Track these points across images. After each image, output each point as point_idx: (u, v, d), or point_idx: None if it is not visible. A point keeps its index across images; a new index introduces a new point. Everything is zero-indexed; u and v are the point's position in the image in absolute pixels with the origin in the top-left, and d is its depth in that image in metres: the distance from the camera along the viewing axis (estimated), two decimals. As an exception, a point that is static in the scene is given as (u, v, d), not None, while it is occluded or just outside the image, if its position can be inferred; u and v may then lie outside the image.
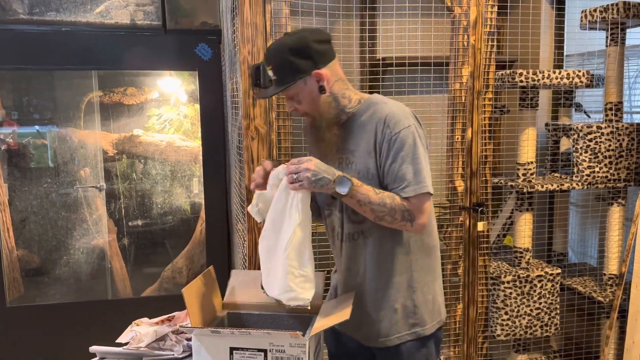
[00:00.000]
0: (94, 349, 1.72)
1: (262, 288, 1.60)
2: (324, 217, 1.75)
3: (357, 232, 1.65)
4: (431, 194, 1.55)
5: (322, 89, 1.58)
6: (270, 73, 1.57)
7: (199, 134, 3.31)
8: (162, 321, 1.87)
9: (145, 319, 1.88)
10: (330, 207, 1.70)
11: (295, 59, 1.53)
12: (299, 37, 1.56)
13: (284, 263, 1.50)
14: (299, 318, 1.71)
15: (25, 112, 3.52)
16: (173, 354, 1.70)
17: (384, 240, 1.62)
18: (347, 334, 1.75)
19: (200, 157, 3.31)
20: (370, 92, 2.68)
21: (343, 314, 1.51)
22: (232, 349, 1.49)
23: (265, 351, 1.47)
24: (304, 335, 1.44)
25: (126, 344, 1.74)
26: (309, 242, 1.53)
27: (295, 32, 1.60)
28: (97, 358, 1.72)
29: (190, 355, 1.64)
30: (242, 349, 1.48)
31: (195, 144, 3.61)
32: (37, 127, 3.53)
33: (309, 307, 1.54)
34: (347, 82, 1.65)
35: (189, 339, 1.76)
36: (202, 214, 3.44)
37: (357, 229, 1.65)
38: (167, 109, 3.69)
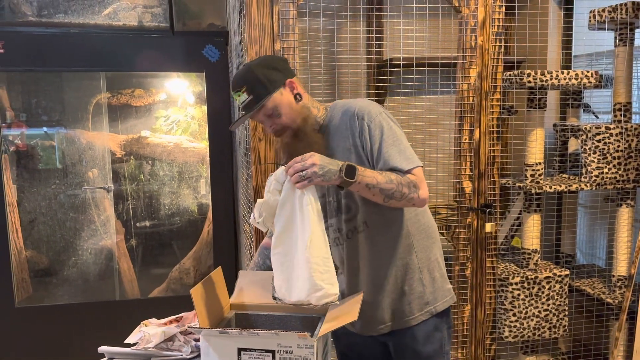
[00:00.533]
0: (102, 349, 1.73)
1: (275, 298, 1.59)
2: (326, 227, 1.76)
3: (350, 230, 1.69)
4: (422, 167, 1.61)
5: (298, 97, 1.64)
6: (244, 95, 1.61)
7: (206, 135, 3.31)
8: (171, 322, 1.87)
9: (154, 320, 1.89)
10: (327, 219, 1.72)
11: (267, 72, 1.60)
12: (261, 58, 1.69)
13: (307, 262, 1.49)
14: (306, 319, 1.70)
15: (33, 113, 3.54)
16: (181, 355, 1.70)
17: (382, 228, 1.66)
18: (364, 334, 1.76)
19: (208, 158, 3.32)
20: (378, 94, 2.70)
21: (351, 315, 1.51)
22: (240, 350, 1.49)
23: (273, 352, 1.47)
24: (312, 336, 1.44)
25: (134, 344, 1.74)
26: (326, 237, 1.53)
27: (257, 58, 1.70)
28: (106, 358, 1.73)
29: (199, 355, 1.65)
30: (250, 349, 1.48)
31: (202, 145, 3.62)
32: (45, 128, 3.55)
33: (338, 302, 1.54)
34: (309, 95, 1.72)
35: (197, 340, 1.76)
36: (210, 214, 3.45)
37: (350, 227, 1.69)
38: (174, 111, 3.70)
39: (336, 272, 1.83)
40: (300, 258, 1.51)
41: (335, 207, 1.69)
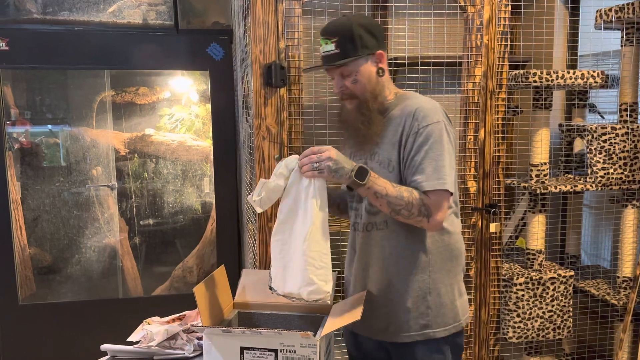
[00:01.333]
0: (105, 347, 1.73)
1: (271, 288, 1.58)
2: (349, 208, 1.74)
3: (371, 224, 1.64)
4: (451, 193, 1.52)
5: (380, 72, 1.59)
6: (332, 46, 1.55)
7: (210, 134, 3.31)
8: (173, 320, 1.87)
9: (157, 318, 1.89)
10: (352, 200, 1.70)
11: (364, 34, 1.55)
12: (367, 17, 1.60)
13: (303, 255, 1.48)
14: (309, 318, 1.70)
15: (38, 111, 3.54)
16: (184, 353, 1.70)
17: (401, 235, 1.60)
18: (363, 335, 1.74)
19: (211, 157, 3.31)
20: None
21: (354, 315, 1.51)
22: (242, 349, 1.49)
23: (276, 351, 1.46)
24: (314, 335, 1.44)
25: (137, 342, 1.74)
26: (327, 233, 1.51)
27: (359, 14, 1.60)
28: (109, 356, 1.73)
29: (201, 354, 1.64)
30: (253, 348, 1.48)
31: (206, 144, 3.61)
32: (49, 126, 3.55)
33: (329, 302, 1.53)
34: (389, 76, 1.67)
35: (200, 338, 1.76)
36: (213, 213, 3.45)
37: (371, 220, 1.64)
38: (178, 109, 3.70)
39: (342, 270, 1.83)
40: (297, 250, 1.50)
41: None
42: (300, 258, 1.49)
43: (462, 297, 1.69)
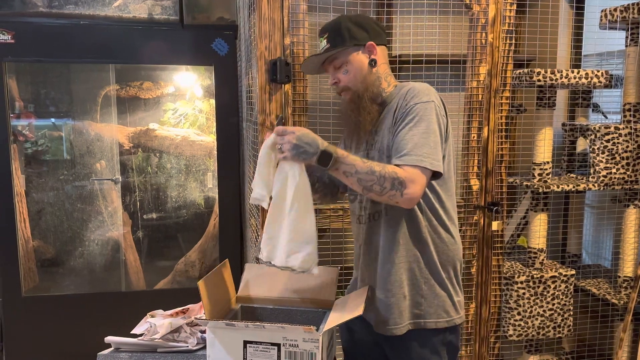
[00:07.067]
0: (109, 339, 1.74)
1: (258, 259, 1.58)
2: (350, 201, 1.75)
3: (377, 212, 1.64)
4: (430, 170, 1.47)
5: (372, 63, 1.61)
6: (324, 43, 1.62)
7: (214, 129, 3.32)
8: (177, 313, 1.88)
9: (160, 311, 1.90)
10: (354, 192, 1.70)
11: (352, 27, 1.59)
12: (360, 14, 1.65)
13: (287, 227, 1.49)
14: (312, 313, 1.71)
15: (42, 104, 3.55)
16: (187, 346, 1.71)
17: (400, 222, 1.59)
18: (363, 327, 1.74)
19: (215, 152, 3.32)
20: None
21: (356, 310, 1.52)
22: (245, 342, 1.50)
23: (278, 345, 1.47)
24: (317, 330, 1.45)
25: (141, 335, 1.76)
26: (310, 205, 1.50)
27: (353, 13, 1.66)
28: (112, 348, 1.74)
29: (204, 347, 1.65)
30: (256, 342, 1.49)
31: (210, 139, 3.62)
32: (53, 119, 3.56)
33: (315, 272, 1.51)
34: (390, 69, 1.69)
35: (203, 332, 1.77)
36: (216, 208, 3.46)
37: (377, 209, 1.64)
38: (182, 104, 3.71)
39: (345, 266, 1.84)
40: (283, 223, 1.50)
41: None
42: (285, 231, 1.49)
43: (458, 296, 1.68)
